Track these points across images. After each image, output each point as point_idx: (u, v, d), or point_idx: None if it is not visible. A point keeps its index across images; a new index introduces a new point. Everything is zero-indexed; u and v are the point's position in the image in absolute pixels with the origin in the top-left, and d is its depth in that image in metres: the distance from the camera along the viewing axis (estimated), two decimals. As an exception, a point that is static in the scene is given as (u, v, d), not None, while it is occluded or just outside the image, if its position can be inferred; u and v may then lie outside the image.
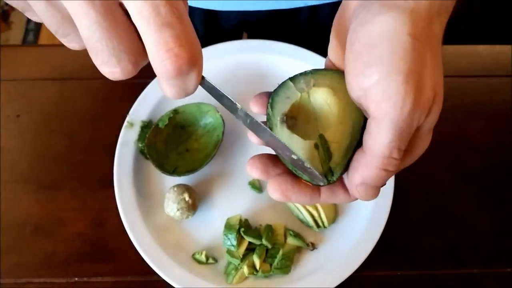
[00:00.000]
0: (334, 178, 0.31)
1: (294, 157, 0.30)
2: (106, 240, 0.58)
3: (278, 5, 0.66)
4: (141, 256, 0.54)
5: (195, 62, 0.24)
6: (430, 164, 0.62)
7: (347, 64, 0.29)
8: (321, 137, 0.32)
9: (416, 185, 0.61)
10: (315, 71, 0.34)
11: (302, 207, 0.55)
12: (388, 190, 0.56)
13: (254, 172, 0.32)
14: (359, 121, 0.31)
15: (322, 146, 0.32)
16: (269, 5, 0.66)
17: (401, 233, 0.58)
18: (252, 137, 0.32)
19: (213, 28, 0.73)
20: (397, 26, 0.27)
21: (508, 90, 0.68)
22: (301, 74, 0.34)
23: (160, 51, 0.23)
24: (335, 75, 0.33)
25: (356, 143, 0.31)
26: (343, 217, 0.57)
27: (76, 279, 0.56)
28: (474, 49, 0.71)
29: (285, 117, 0.33)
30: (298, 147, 0.32)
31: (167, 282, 0.53)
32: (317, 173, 0.30)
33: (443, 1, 0.28)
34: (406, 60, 0.27)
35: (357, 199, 0.33)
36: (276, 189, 0.32)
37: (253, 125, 0.30)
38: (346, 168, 0.31)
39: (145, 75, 0.63)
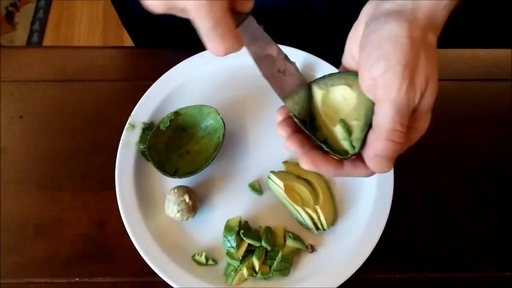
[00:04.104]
0: (356, 150, 0.39)
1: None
2: (107, 241, 0.58)
3: None
4: (141, 257, 0.54)
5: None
6: (430, 167, 0.63)
7: (361, 61, 0.38)
8: (342, 120, 0.41)
9: (415, 188, 0.61)
10: (331, 75, 0.43)
11: (302, 209, 0.56)
12: (387, 193, 0.57)
13: (292, 146, 0.40)
14: (370, 106, 0.39)
15: (343, 127, 0.40)
16: None
17: (400, 236, 0.58)
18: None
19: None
20: (399, 31, 0.36)
21: (509, 94, 0.69)
22: (320, 78, 0.43)
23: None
24: (349, 75, 0.42)
25: (369, 123, 0.39)
26: (342, 220, 0.58)
27: (77, 279, 0.56)
28: (475, 53, 0.71)
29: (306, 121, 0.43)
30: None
31: (167, 283, 0.53)
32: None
33: (434, 21, 0.37)
34: (405, 56, 0.35)
35: (374, 173, 0.39)
36: (307, 161, 0.39)
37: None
38: (363, 143, 0.39)
39: (147, 77, 0.64)
